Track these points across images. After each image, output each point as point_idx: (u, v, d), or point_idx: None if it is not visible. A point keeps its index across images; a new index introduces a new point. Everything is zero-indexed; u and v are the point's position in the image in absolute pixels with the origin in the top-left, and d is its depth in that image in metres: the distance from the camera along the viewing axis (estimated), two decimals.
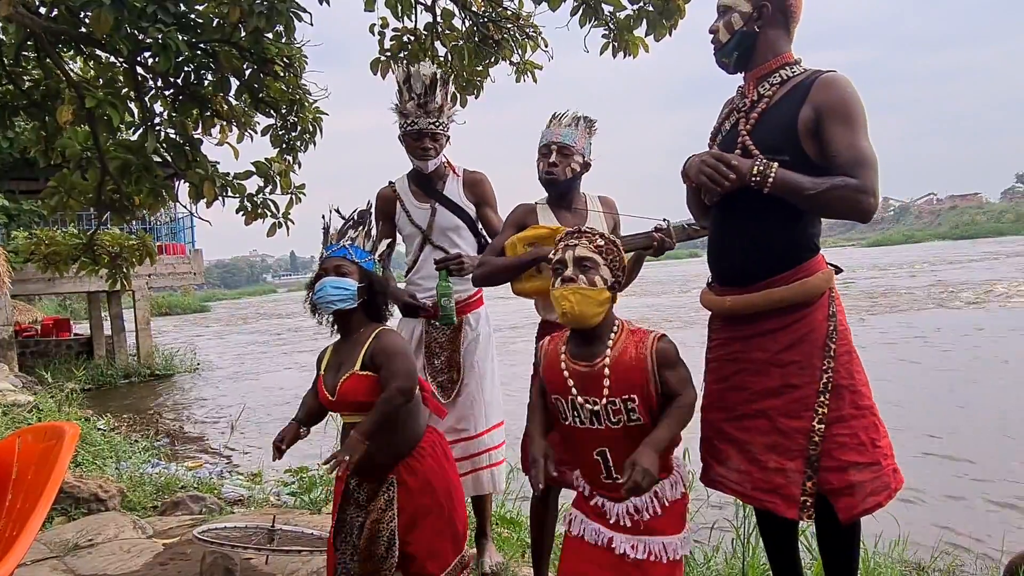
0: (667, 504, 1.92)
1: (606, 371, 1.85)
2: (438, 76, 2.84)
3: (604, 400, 1.85)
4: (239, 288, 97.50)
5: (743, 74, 2.17)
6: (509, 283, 2.57)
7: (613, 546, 1.90)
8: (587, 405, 1.88)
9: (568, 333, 1.99)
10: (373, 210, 3.00)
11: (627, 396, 1.85)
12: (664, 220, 2.42)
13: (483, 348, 2.96)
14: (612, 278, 1.91)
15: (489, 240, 3.00)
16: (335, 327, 2.31)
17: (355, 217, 2.36)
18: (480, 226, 3.02)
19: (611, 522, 1.91)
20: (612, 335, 1.91)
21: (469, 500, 3.06)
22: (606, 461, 1.91)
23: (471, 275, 2.66)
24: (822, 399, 1.97)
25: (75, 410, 8.56)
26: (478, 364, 2.92)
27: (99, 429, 7.48)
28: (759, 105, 2.07)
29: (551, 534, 2.66)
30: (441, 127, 2.86)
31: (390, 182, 3.04)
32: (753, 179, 1.94)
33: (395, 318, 2.66)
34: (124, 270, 5.05)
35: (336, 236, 2.32)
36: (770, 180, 1.93)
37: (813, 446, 1.96)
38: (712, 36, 2.15)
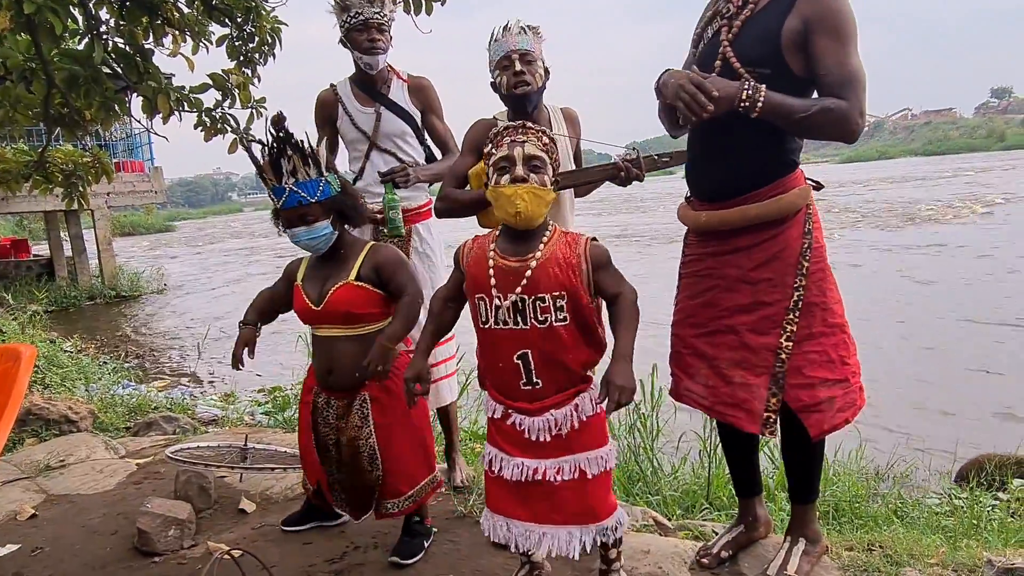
0: (585, 420, 1.89)
1: (532, 264, 1.83)
2: None
3: (531, 296, 1.82)
4: (204, 207, 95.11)
5: None
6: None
7: (539, 477, 1.86)
8: (506, 302, 1.83)
9: (499, 233, 1.94)
10: (314, 116, 2.94)
11: (558, 293, 1.82)
12: (633, 149, 2.33)
13: (432, 258, 2.93)
14: (553, 177, 1.90)
15: (434, 148, 2.97)
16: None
17: (283, 150, 2.14)
18: (425, 133, 2.97)
19: (532, 439, 1.87)
20: (546, 234, 1.89)
21: (434, 414, 3.08)
22: (527, 364, 1.86)
23: (435, 206, 2.56)
24: (791, 316, 1.97)
25: (39, 332, 8.44)
26: (427, 274, 2.86)
27: (66, 351, 7.39)
28: (743, 12, 1.96)
29: None
30: (386, 20, 2.76)
31: (331, 85, 2.96)
32: (742, 104, 1.84)
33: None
34: (80, 188, 4.85)
35: (273, 177, 2.15)
36: (759, 105, 1.83)
37: (780, 363, 1.98)
38: None
